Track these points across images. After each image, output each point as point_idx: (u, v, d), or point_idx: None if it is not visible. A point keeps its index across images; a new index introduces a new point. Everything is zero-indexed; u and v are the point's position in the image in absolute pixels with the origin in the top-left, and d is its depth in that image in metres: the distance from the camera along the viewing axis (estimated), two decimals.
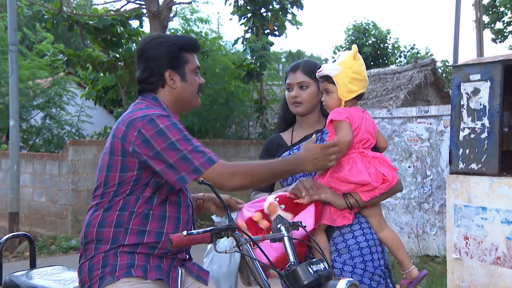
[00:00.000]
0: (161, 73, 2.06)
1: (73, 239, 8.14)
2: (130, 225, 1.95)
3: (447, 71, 19.50)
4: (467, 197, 4.03)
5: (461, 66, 4.24)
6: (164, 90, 2.09)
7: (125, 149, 1.93)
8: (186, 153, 1.88)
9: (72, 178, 8.79)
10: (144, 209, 1.96)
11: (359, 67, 2.22)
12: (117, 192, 1.96)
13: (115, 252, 1.95)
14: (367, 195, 2.16)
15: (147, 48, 2.09)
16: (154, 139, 1.88)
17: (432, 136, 6.42)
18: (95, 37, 10.23)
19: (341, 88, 2.20)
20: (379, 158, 2.19)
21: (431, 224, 6.44)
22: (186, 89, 2.10)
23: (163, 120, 1.91)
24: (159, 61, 2.06)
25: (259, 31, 12.43)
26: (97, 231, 1.97)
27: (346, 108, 2.22)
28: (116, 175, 1.95)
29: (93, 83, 11.73)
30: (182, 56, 2.09)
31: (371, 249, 2.22)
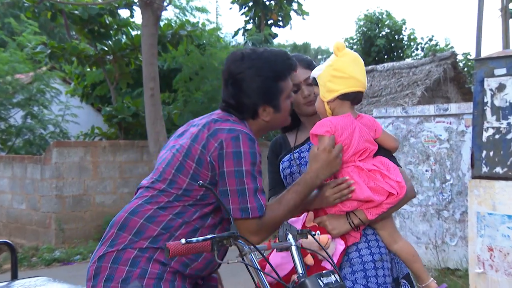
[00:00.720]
0: (254, 108, 2.10)
1: (57, 250, 8.14)
2: (177, 233, 1.99)
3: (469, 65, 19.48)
4: (491, 204, 4.01)
5: (484, 59, 4.22)
6: (254, 121, 2.14)
7: (203, 157, 1.99)
8: (246, 189, 1.97)
9: (56, 183, 8.79)
10: (196, 223, 2.02)
11: (342, 64, 2.18)
12: (180, 198, 2.01)
13: (149, 256, 1.97)
14: (373, 212, 2.15)
15: (240, 79, 2.09)
16: (227, 158, 1.96)
17: (452, 136, 6.41)
18: (81, 28, 10.25)
19: (322, 88, 2.20)
20: (379, 170, 2.14)
21: (451, 234, 6.42)
22: (279, 119, 2.17)
23: (246, 144, 1.98)
24: (253, 97, 2.09)
25: (261, 21, 12.45)
26: (142, 224, 1.99)
27: (332, 118, 2.18)
28: (186, 180, 2.00)
29: (79, 79, 11.75)
30: (278, 87, 2.11)
31: (375, 264, 2.21)
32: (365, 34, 21.72)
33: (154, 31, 8.77)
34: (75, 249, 8.26)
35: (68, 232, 8.81)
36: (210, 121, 2.06)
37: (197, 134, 2.03)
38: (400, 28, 22.15)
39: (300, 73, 2.39)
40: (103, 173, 9.31)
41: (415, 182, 6.71)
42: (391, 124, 6.91)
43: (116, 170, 9.48)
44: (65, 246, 8.54)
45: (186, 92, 11.12)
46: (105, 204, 9.30)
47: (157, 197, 2.03)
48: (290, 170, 2.41)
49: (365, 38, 21.60)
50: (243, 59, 2.12)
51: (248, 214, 1.96)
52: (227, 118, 2.07)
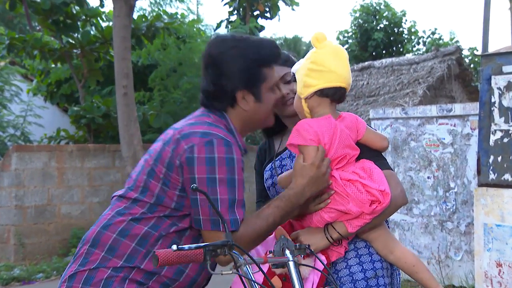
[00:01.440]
0: (233, 93, 2.11)
1: (16, 267, 8.04)
2: (154, 249, 1.97)
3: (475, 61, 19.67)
4: (499, 214, 4.03)
5: (492, 55, 4.25)
6: (234, 110, 2.14)
7: (172, 161, 2.00)
8: (218, 199, 1.96)
9: (15, 192, 8.70)
10: (174, 237, 2.03)
11: (321, 56, 2.16)
12: (153, 208, 2.02)
13: (124, 276, 1.97)
14: (354, 224, 2.11)
15: (218, 60, 2.11)
16: (199, 164, 1.96)
17: (457, 140, 6.45)
18: (44, 18, 10.17)
19: (299, 83, 2.19)
20: (358, 180, 2.10)
21: (455, 247, 6.45)
22: (260, 110, 2.16)
23: (221, 149, 1.97)
24: (233, 79, 2.10)
25: (246, 12, 12.46)
26: (114, 238, 2.00)
27: (310, 122, 2.15)
28: (157, 185, 2.02)
29: (43, 75, 11.65)
30: (261, 73, 2.12)
31: (368, 282, 2.19)
32: (362, 27, 21.84)
33: (127, 22, 8.73)
34: (37, 266, 8.16)
35: (30, 247, 8.71)
36: (186, 123, 2.08)
37: (170, 137, 2.04)
38: (400, 20, 22.32)
39: (276, 70, 2.35)
40: (69, 181, 9.23)
41: (416, 190, 6.73)
42: (389, 126, 6.93)
43: (84, 178, 9.40)
44: (25, 263, 8.43)
45: (163, 91, 11.08)
46: (71, 216, 9.21)
47: (130, 207, 2.04)
48: (272, 180, 2.41)
49: (362, 31, 21.71)
50: (226, 40, 2.15)
51: (219, 227, 1.95)
52: (204, 120, 2.08)
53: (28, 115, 11.86)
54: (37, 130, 11.87)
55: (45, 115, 12.15)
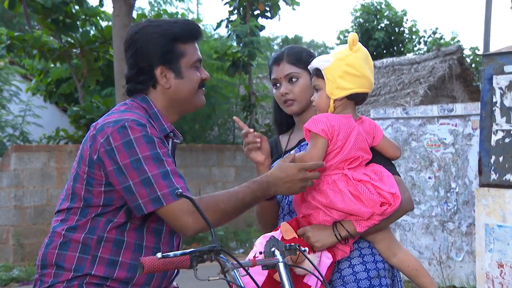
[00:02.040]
0: (151, 71, 2.07)
1: (15, 268, 8.05)
2: (99, 253, 1.97)
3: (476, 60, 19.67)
4: (501, 215, 4.03)
5: (493, 55, 4.25)
6: (156, 90, 2.10)
7: (91, 157, 1.97)
8: (150, 176, 1.90)
9: (14, 192, 8.71)
10: (116, 235, 1.98)
11: (356, 60, 2.17)
12: (85, 211, 1.98)
13: (80, 283, 1.95)
14: (363, 224, 2.13)
15: (134, 40, 2.09)
16: (119, 151, 1.91)
17: (458, 140, 6.44)
18: (44, 17, 10.17)
19: (330, 83, 2.18)
20: (370, 182, 2.13)
21: (457, 248, 6.45)
22: (183, 87, 2.10)
23: (135, 130, 1.93)
24: (148, 56, 2.06)
25: (247, 12, 12.45)
26: (57, 254, 1.98)
27: (329, 115, 2.17)
28: (82, 187, 1.98)
29: (42, 75, 11.65)
30: (177, 48, 2.08)
31: (371, 281, 2.20)
32: (362, 27, 21.84)
33: (126, 22, 8.72)
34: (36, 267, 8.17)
35: (29, 248, 8.71)
36: (102, 117, 2.05)
37: (87, 134, 2.02)
38: (401, 19, 22.32)
39: (282, 68, 2.38)
40: None
41: (417, 190, 6.73)
42: (390, 126, 6.93)
43: None
44: (25, 263, 8.43)
45: None
46: None
47: (66, 219, 2.01)
48: None
49: (362, 31, 21.70)
50: (139, 23, 2.14)
51: (162, 202, 1.89)
52: (118, 109, 2.06)
53: (27, 115, 11.86)
54: (36, 130, 11.86)
55: (44, 115, 12.15)
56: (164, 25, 2.10)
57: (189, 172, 10.31)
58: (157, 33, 2.07)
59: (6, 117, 11.80)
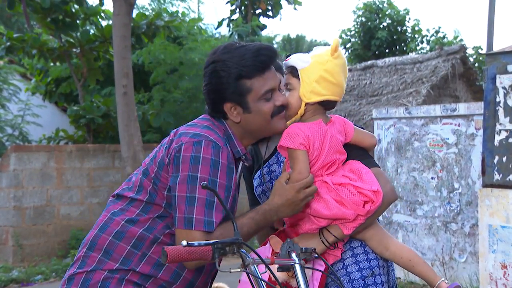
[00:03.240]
0: (220, 106, 2.13)
1: (14, 269, 8.05)
2: (150, 252, 2.03)
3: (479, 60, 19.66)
4: (504, 215, 4.03)
5: (497, 54, 4.25)
6: (229, 121, 2.17)
7: (163, 160, 2.05)
8: (196, 198, 1.96)
9: (14, 192, 8.71)
10: (170, 240, 2.05)
11: (335, 67, 2.16)
12: (147, 208, 2.05)
13: (121, 278, 2.00)
14: (349, 226, 2.14)
15: (206, 72, 2.15)
16: (183, 162, 1.99)
17: (461, 140, 6.44)
18: (43, 17, 10.18)
19: (305, 85, 2.16)
20: (350, 183, 2.12)
21: (460, 249, 6.45)
22: (252, 121, 2.15)
23: (208, 151, 2.00)
24: (216, 92, 2.12)
25: (248, 11, 12.45)
26: (110, 241, 2.04)
27: (302, 126, 2.16)
28: (150, 183, 2.06)
29: (42, 75, 11.66)
30: (242, 85, 2.11)
31: (365, 280, 2.21)
32: (365, 26, 21.83)
33: (127, 21, 8.73)
34: (35, 268, 8.17)
35: (28, 249, 8.71)
36: (185, 125, 2.13)
37: (168, 138, 2.10)
38: (403, 18, 22.31)
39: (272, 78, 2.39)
40: (69, 181, 9.24)
41: (420, 191, 6.73)
42: (392, 126, 6.93)
43: (83, 178, 9.40)
44: (24, 264, 8.44)
45: (163, 92, 11.08)
46: (71, 217, 9.22)
47: (126, 209, 2.07)
48: (262, 188, 2.41)
49: (365, 30, 21.70)
50: (216, 52, 2.17)
51: (191, 225, 1.95)
52: (202, 124, 2.12)
53: (27, 114, 11.86)
54: (36, 130, 11.87)
55: (44, 114, 12.16)
56: (231, 62, 2.11)
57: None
58: (224, 71, 2.11)
59: (6, 117, 11.80)
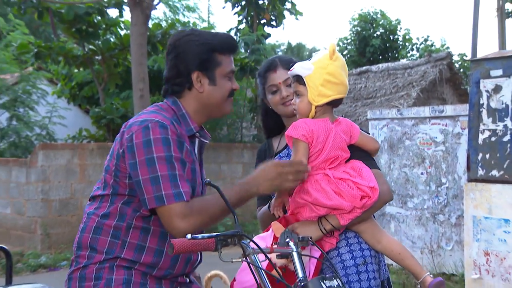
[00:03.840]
0: (188, 74, 2.10)
1: (42, 255, 8.08)
2: (128, 239, 2.01)
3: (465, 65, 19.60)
4: (487, 207, 4.02)
5: (480, 60, 4.24)
6: (191, 93, 2.13)
7: (119, 152, 2.01)
8: (159, 176, 1.91)
9: (42, 186, 8.74)
10: (143, 223, 2.02)
11: (336, 69, 2.16)
12: (113, 198, 2.03)
13: (111, 265, 1.99)
14: (346, 217, 2.14)
15: (177, 45, 2.12)
16: (138, 148, 1.94)
17: (448, 139, 6.43)
18: (69, 27, 10.20)
19: (312, 90, 2.16)
20: (349, 179, 2.13)
21: (447, 238, 6.43)
22: (215, 94, 2.13)
23: (156, 131, 1.95)
24: (187, 61, 2.09)
25: (254, 21, 12.43)
26: (92, 238, 2.02)
27: (308, 121, 2.17)
28: (111, 178, 2.03)
29: (66, 79, 11.70)
30: (214, 58, 2.11)
31: (358, 268, 2.21)
32: (360, 34, 21.80)
33: (143, 30, 8.74)
34: (61, 254, 8.20)
35: (54, 237, 8.74)
36: (134, 117, 2.09)
37: (119, 131, 2.07)
38: (395, 28, 22.26)
39: (280, 74, 2.40)
40: (90, 176, 9.26)
41: (410, 185, 6.72)
42: (385, 126, 6.92)
43: None
44: (51, 251, 8.46)
45: None
46: None
47: (99, 206, 2.05)
48: None
49: (360, 38, 21.67)
50: (183, 31, 2.17)
51: (163, 201, 1.90)
52: (148, 110, 2.09)
53: (53, 116, 11.88)
54: (61, 129, 11.90)
55: (68, 116, 12.19)
56: (206, 36, 2.13)
57: None
58: (198, 42, 2.10)
59: (34, 118, 11.83)
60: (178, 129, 2.04)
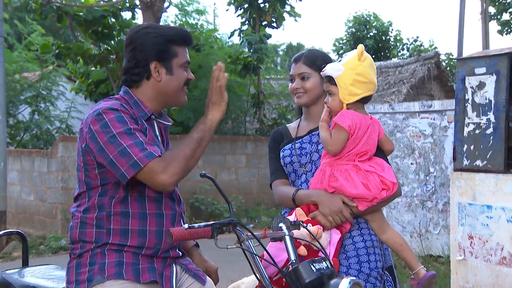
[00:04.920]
0: (147, 64, 2.05)
1: (62, 239, 8.12)
2: (112, 226, 1.98)
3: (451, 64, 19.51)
4: (471, 195, 4.02)
5: (465, 59, 4.23)
6: (149, 82, 2.08)
7: (81, 147, 1.98)
8: (125, 147, 1.88)
9: (61, 175, 8.77)
10: (121, 208, 1.98)
11: (364, 69, 2.18)
12: (90, 193, 2.00)
13: (102, 251, 1.97)
14: (364, 205, 2.18)
15: (135, 37, 2.08)
16: (98, 133, 1.91)
17: (436, 131, 6.42)
18: (86, 29, 10.19)
19: (342, 90, 2.18)
20: (375, 172, 2.18)
21: (434, 223, 6.45)
22: (171, 83, 2.08)
23: (109, 113, 1.93)
24: (146, 51, 2.05)
25: (256, 22, 12.37)
26: (79, 232, 2.01)
27: (356, 114, 2.19)
28: (82, 174, 1.99)
29: (84, 77, 11.71)
30: (171, 49, 2.07)
31: (367, 250, 2.25)
32: (354, 35, 21.69)
33: None
34: None
35: None
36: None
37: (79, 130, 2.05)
38: (387, 29, 22.14)
39: (298, 67, 2.40)
40: None
41: (401, 174, 6.72)
42: (378, 120, 6.90)
43: None
44: None
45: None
46: None
47: (80, 204, 2.03)
48: (291, 159, 2.40)
49: (354, 38, 21.57)
50: (141, 25, 2.14)
51: (139, 165, 1.86)
52: (100, 102, 2.05)
53: (72, 110, 11.91)
54: (79, 123, 11.91)
55: (86, 111, 12.15)
56: (163, 28, 2.10)
57: (207, 159, 10.32)
58: (156, 34, 2.06)
59: (54, 112, 11.86)
60: (130, 111, 2.01)
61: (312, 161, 2.35)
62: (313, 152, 2.35)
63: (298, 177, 2.38)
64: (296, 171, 2.38)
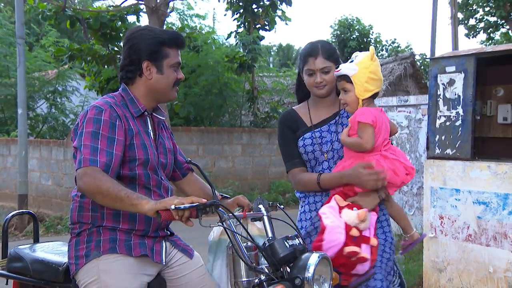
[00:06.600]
0: (139, 63, 2.05)
1: None
2: (105, 210, 1.98)
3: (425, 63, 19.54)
4: (442, 180, 4.05)
5: (438, 58, 4.23)
6: (141, 79, 2.07)
7: (72, 137, 2.02)
8: (83, 145, 1.90)
9: None
10: None
11: (376, 68, 2.22)
12: None
13: (98, 230, 1.98)
14: (393, 189, 2.26)
15: (131, 37, 2.07)
16: (79, 126, 1.97)
17: (411, 123, 6.43)
18: (95, 32, 10.12)
19: (359, 87, 2.20)
20: (397, 159, 2.22)
21: (409, 205, 6.48)
22: (161, 81, 2.07)
23: (92, 112, 1.95)
24: (139, 51, 2.04)
25: (250, 26, 12.34)
26: (78, 215, 2.02)
27: (371, 109, 2.20)
28: (76, 161, 1.97)
29: (95, 75, 11.66)
30: (162, 50, 2.05)
31: (388, 222, 2.41)
32: (339, 37, 21.66)
33: None
34: None
35: None
36: None
37: None
38: (368, 32, 22.11)
39: (319, 62, 2.32)
40: None
41: None
42: None
43: None
44: None
45: (185, 87, 11.05)
46: None
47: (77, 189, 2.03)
48: (313, 147, 2.34)
49: (339, 40, 21.53)
50: (138, 27, 2.13)
51: (80, 165, 1.88)
52: (102, 97, 2.07)
53: (85, 105, 11.87)
54: None
55: None
56: (157, 31, 2.09)
57: (206, 149, 10.31)
58: (150, 36, 2.05)
59: (69, 106, 11.81)
60: (119, 111, 2.00)
61: (333, 149, 2.31)
62: (334, 141, 2.32)
63: (319, 164, 2.33)
64: (317, 158, 2.33)
